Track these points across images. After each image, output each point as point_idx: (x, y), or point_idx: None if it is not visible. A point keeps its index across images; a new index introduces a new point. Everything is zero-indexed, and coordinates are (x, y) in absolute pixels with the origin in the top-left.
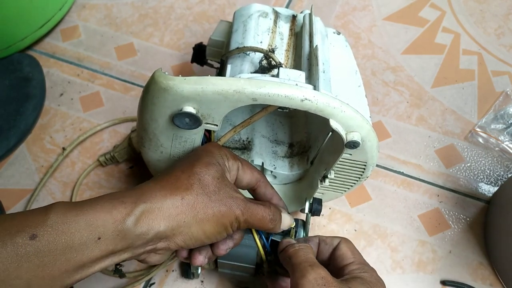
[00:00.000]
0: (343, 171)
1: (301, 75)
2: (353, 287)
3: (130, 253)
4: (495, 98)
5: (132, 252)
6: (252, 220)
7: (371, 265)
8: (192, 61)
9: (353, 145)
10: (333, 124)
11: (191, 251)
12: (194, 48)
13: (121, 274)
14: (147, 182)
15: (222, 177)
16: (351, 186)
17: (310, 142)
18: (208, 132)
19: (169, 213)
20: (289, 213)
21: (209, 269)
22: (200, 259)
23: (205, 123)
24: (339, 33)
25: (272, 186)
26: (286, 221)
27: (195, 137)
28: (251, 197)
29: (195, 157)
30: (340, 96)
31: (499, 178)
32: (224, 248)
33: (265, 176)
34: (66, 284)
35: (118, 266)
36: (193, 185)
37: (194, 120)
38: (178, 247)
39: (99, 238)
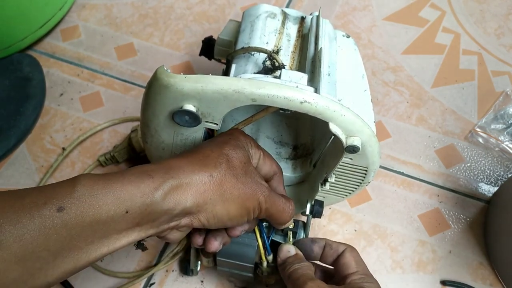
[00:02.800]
0: (344, 176)
1: (303, 77)
2: None
3: (155, 228)
4: (495, 98)
5: (157, 228)
6: (272, 210)
7: (371, 265)
8: (201, 54)
9: (353, 149)
10: (333, 127)
11: (206, 237)
12: (203, 41)
13: (142, 248)
14: (173, 157)
15: (248, 162)
16: (353, 190)
17: (314, 145)
18: (211, 130)
19: (197, 189)
20: None
21: (208, 266)
22: (215, 244)
23: (205, 122)
24: (348, 36)
25: (283, 185)
26: (291, 221)
27: (195, 135)
28: None
29: (223, 140)
30: (345, 100)
31: (499, 178)
32: (240, 230)
33: (282, 172)
34: (92, 257)
35: (140, 241)
36: (222, 164)
37: (193, 118)
38: (200, 225)
39: (126, 212)
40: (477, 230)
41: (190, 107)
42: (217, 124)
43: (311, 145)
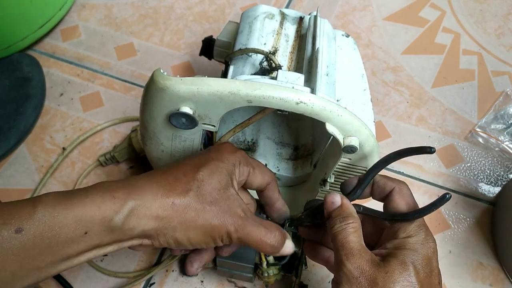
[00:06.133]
0: (343, 176)
1: (299, 77)
2: (390, 271)
3: (116, 246)
4: (495, 98)
5: (118, 246)
6: (247, 240)
7: None
8: (201, 54)
9: (350, 149)
10: (329, 128)
11: (184, 261)
12: (203, 41)
13: None
14: (145, 174)
15: (225, 188)
16: None
17: (315, 145)
18: (210, 132)
19: (157, 214)
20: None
21: (208, 266)
22: (192, 270)
23: (202, 124)
24: (348, 36)
25: (279, 191)
26: (288, 248)
27: (194, 137)
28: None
29: (203, 161)
30: (344, 100)
31: (499, 178)
32: (228, 251)
33: (276, 180)
34: (51, 274)
35: None
36: (189, 192)
37: (190, 120)
38: (161, 246)
39: (85, 233)
40: (477, 230)
41: (186, 109)
42: (214, 126)
43: (312, 146)
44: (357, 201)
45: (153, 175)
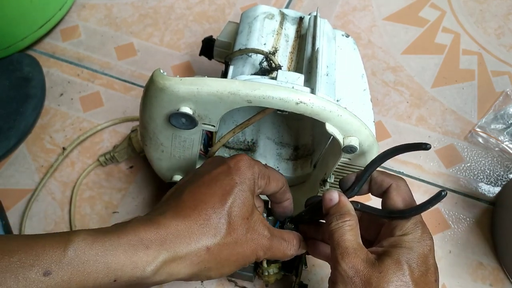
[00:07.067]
0: (343, 176)
1: (299, 78)
2: (384, 271)
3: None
4: (495, 98)
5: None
6: (271, 257)
7: None
8: (201, 54)
9: (350, 149)
10: (329, 128)
11: None
12: (203, 41)
13: None
14: (173, 208)
15: (251, 212)
16: None
17: (315, 145)
18: (210, 132)
19: (191, 261)
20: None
21: None
22: None
23: (202, 124)
24: (347, 36)
25: (289, 191)
26: (301, 250)
27: (194, 137)
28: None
29: (228, 187)
30: (344, 100)
31: (499, 178)
32: None
33: (287, 182)
34: None
35: None
36: (221, 231)
37: (190, 121)
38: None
39: (115, 280)
40: (477, 230)
41: (186, 109)
42: (214, 126)
43: (312, 146)
44: (357, 198)
45: (182, 214)
